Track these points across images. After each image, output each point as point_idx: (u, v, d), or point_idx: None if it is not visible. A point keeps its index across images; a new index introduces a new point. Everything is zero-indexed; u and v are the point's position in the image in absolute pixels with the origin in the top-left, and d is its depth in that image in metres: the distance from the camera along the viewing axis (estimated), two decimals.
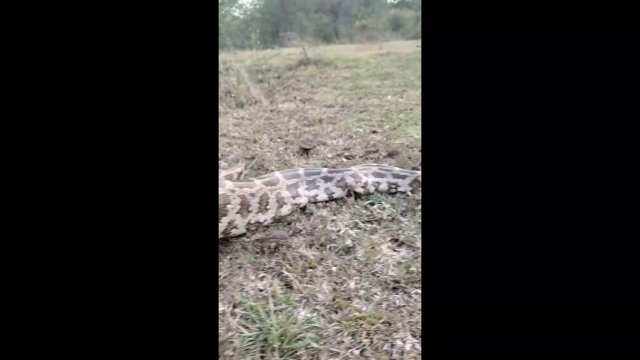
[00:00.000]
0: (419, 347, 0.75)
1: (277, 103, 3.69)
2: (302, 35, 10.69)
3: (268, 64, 6.44)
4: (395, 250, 1.11)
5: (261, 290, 0.97)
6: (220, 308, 0.90)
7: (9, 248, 0.47)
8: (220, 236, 1.15)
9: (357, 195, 1.45)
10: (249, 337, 0.80)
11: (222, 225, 1.13)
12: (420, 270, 0.99)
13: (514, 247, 0.50)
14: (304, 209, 1.40)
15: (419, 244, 1.12)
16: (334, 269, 1.03)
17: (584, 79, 0.49)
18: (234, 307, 0.91)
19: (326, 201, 1.44)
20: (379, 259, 1.07)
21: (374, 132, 2.36)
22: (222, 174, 1.54)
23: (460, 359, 0.49)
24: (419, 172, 1.44)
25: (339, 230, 1.23)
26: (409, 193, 1.42)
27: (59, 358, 0.46)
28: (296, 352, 0.76)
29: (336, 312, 0.87)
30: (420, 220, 1.25)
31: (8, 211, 0.47)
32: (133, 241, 0.50)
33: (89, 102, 0.50)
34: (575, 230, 0.49)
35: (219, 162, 1.80)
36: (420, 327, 0.80)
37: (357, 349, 0.76)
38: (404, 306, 0.88)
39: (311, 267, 1.05)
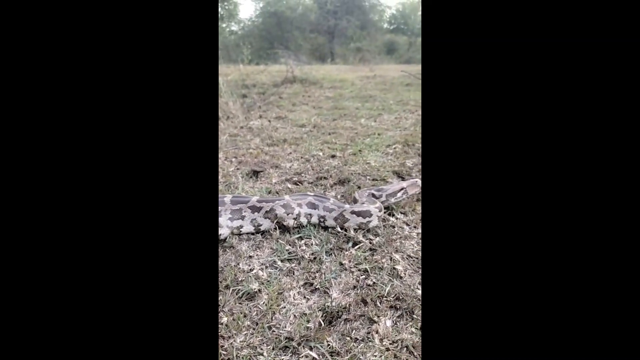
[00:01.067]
0: None
1: (251, 119, 3.61)
2: (296, 54, 10.84)
3: (254, 80, 6.44)
4: (305, 297, 0.98)
5: None
6: None
7: (9, 248, 0.47)
8: None
9: (286, 229, 1.33)
10: None
11: None
12: (318, 324, 0.87)
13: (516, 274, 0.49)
14: (223, 241, 1.27)
15: (332, 291, 1.00)
16: (225, 319, 0.90)
17: (581, 101, 0.49)
18: None
19: (252, 233, 1.32)
20: (282, 308, 0.94)
21: (333, 156, 2.27)
22: None
23: None
24: (347, 206, 1.33)
25: (250, 270, 1.10)
26: (339, 229, 1.31)
27: (59, 358, 0.46)
28: None
29: None
30: (342, 261, 1.13)
31: (8, 211, 0.47)
32: (133, 242, 0.50)
33: (93, 95, 0.50)
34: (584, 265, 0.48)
35: None
36: None
37: None
38: None
39: None
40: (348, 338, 0.83)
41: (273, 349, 0.81)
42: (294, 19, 14.42)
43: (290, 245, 1.24)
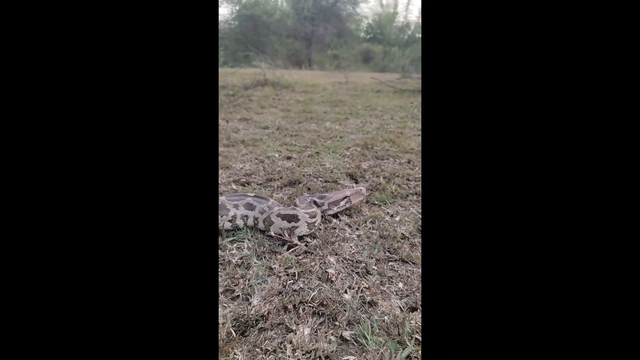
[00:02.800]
0: None
1: None
2: (273, 59, 10.77)
3: (224, 82, 6.30)
4: (222, 305, 0.90)
5: None
6: None
7: (9, 249, 0.47)
8: None
9: (218, 232, 1.23)
10: None
11: None
12: (226, 335, 0.78)
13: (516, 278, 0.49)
14: None
15: (254, 298, 0.92)
16: None
17: (582, 102, 0.49)
18: None
19: None
20: None
21: (289, 157, 2.20)
22: None
23: None
24: (276, 208, 1.25)
25: None
26: (272, 233, 1.22)
27: (59, 358, 0.46)
28: None
29: None
30: (272, 265, 1.05)
31: (8, 212, 0.47)
32: (132, 243, 0.50)
33: (93, 92, 0.50)
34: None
35: None
36: None
37: None
38: None
39: None
40: (258, 349, 0.75)
41: None
42: (271, 24, 14.36)
43: (221, 249, 1.15)
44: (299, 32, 14.97)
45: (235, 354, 0.74)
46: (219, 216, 1.24)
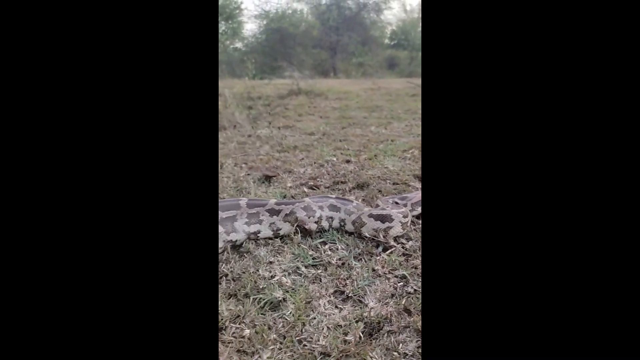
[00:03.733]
0: None
1: (258, 129, 3.55)
2: (300, 69, 10.97)
3: (259, 92, 6.45)
4: (336, 307, 0.86)
5: None
6: None
7: (9, 249, 0.47)
8: None
9: (308, 233, 1.21)
10: None
11: None
12: (358, 338, 0.74)
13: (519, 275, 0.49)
14: (239, 247, 1.16)
15: (368, 300, 0.88)
16: (247, 331, 0.78)
17: (582, 103, 0.49)
18: None
19: (269, 238, 1.21)
20: (313, 319, 0.82)
21: (348, 161, 2.18)
22: None
23: None
24: (366, 209, 1.21)
25: (272, 277, 0.98)
26: (366, 234, 1.19)
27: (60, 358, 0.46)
28: None
29: None
30: (374, 267, 1.01)
31: (8, 212, 0.47)
32: (132, 245, 0.50)
33: (92, 96, 0.50)
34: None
35: None
36: None
37: None
38: None
39: (220, 328, 0.79)
40: (396, 353, 0.71)
41: None
42: (297, 35, 14.68)
43: (313, 250, 1.13)
44: (324, 42, 15.19)
45: (372, 356, 0.70)
46: (307, 217, 1.22)
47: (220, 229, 1.11)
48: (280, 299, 0.88)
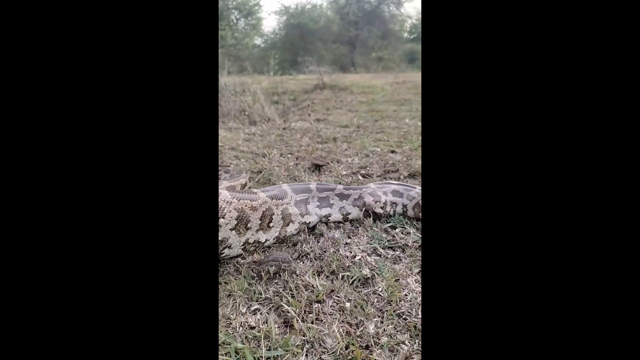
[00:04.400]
0: None
1: (290, 122, 3.60)
2: (319, 64, 10.97)
3: (284, 87, 6.50)
4: None
5: (252, 328, 0.76)
6: None
7: (9, 250, 0.47)
8: None
9: (377, 217, 1.24)
10: None
11: None
12: None
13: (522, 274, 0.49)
14: (313, 229, 1.19)
15: None
16: (347, 305, 0.81)
17: (582, 104, 0.49)
18: None
19: (339, 222, 1.24)
20: (406, 295, 0.84)
21: (393, 151, 2.18)
22: (223, 185, 1.37)
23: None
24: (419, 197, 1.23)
25: (354, 256, 1.01)
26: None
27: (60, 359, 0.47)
28: None
29: None
30: None
31: (8, 213, 0.47)
32: (131, 249, 0.49)
33: (89, 98, 0.50)
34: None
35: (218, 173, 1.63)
36: None
37: None
38: None
39: (318, 301, 0.83)
40: None
41: (413, 337, 0.71)
42: (317, 31, 14.66)
43: (385, 233, 1.15)
44: (344, 37, 15.09)
45: None
46: (374, 202, 1.24)
47: (295, 210, 1.15)
48: (368, 276, 0.91)
